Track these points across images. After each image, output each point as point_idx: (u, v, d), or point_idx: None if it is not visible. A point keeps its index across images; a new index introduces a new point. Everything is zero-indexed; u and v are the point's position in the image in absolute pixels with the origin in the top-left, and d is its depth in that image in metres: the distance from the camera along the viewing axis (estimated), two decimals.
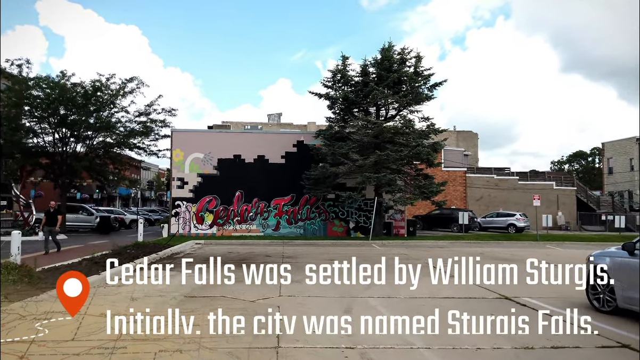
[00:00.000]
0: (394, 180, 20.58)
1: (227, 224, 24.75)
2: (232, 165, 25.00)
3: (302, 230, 25.05)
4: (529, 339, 5.64)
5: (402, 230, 25.34)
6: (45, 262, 12.36)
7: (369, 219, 25.20)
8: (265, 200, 24.98)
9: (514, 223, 33.59)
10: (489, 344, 5.61)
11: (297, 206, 25.10)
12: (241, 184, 24.89)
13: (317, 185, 22.78)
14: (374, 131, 21.05)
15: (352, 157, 21.03)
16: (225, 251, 16.57)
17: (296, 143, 25.35)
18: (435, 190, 20.86)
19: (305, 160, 24.73)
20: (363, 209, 24.93)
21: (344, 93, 21.50)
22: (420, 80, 21.80)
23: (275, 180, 24.95)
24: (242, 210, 24.86)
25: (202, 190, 24.78)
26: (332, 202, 25.16)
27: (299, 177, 24.18)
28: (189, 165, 24.93)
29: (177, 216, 24.66)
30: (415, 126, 21.59)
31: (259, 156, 25.17)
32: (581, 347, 5.61)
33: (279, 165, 25.12)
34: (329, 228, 25.19)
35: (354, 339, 5.72)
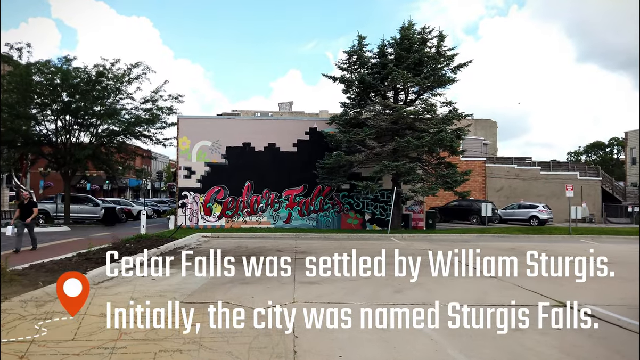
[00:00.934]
0: (414, 168, 18.97)
1: (236, 216, 23.39)
2: (241, 153, 23.57)
3: (315, 223, 23.60)
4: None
5: (420, 223, 23.77)
6: (29, 258, 11.00)
7: (385, 210, 23.68)
8: (276, 190, 23.56)
9: (536, 215, 31.84)
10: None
11: (309, 197, 23.64)
12: (251, 173, 23.47)
13: (331, 174, 21.27)
14: (392, 116, 19.43)
15: (369, 144, 19.44)
16: (233, 245, 15.16)
17: (309, 130, 23.82)
18: (460, 180, 19.21)
19: (319, 149, 23.23)
20: (379, 200, 23.40)
21: (360, 76, 19.86)
22: (443, 62, 20.05)
23: (286, 169, 23.49)
24: (252, 201, 23.46)
25: (210, 180, 23.41)
26: (346, 192, 23.66)
27: (312, 167, 22.70)
28: (196, 153, 23.54)
29: (184, 207, 23.33)
30: (437, 111, 19.90)
31: (269, 144, 23.70)
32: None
33: (290, 153, 23.64)
34: (344, 220, 23.70)
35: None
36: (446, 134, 18.63)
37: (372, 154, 19.51)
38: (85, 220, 27.52)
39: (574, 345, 5.10)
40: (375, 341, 5.20)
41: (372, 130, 19.54)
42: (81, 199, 28.08)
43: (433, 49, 20.43)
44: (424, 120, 19.88)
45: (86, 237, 19.35)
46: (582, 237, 19.21)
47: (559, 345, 5.10)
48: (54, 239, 18.42)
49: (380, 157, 19.73)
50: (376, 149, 19.40)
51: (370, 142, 19.38)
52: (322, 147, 23.16)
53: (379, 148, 19.48)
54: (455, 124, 20.00)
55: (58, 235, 19.92)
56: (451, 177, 18.92)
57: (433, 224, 24.13)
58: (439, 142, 18.70)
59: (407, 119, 19.36)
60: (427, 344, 5.09)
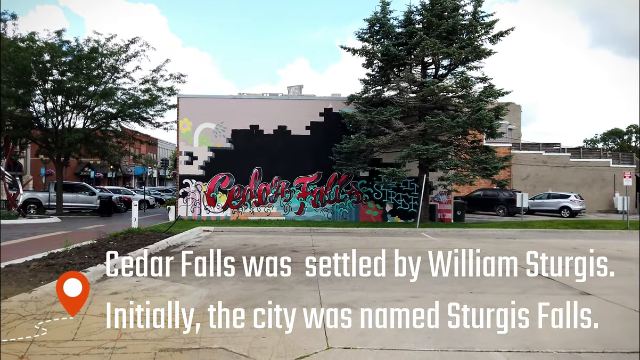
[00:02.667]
0: (446, 153, 16.23)
1: (243, 206, 20.82)
2: (248, 137, 20.93)
3: (330, 214, 20.98)
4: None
5: (448, 215, 21.06)
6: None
7: (409, 201, 20.99)
8: (287, 178, 20.93)
9: (568, 206, 28.99)
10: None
11: (324, 185, 20.99)
12: (259, 159, 20.84)
13: (350, 160, 18.58)
14: (421, 93, 16.64)
15: (394, 125, 16.67)
16: (239, 243, 12.56)
17: (323, 111, 21.08)
18: (499, 167, 16.43)
19: (335, 132, 20.53)
20: (402, 190, 20.71)
21: (385, 47, 17.02)
22: (480, 30, 17.16)
23: (298, 154, 20.83)
24: (260, 190, 20.86)
25: (214, 167, 20.83)
26: (365, 180, 21.00)
27: (327, 151, 20.02)
28: (199, 137, 20.92)
29: (185, 197, 20.79)
30: (473, 87, 17.05)
31: (279, 127, 21.02)
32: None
33: (303, 137, 20.96)
34: (362, 211, 21.05)
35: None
36: (485, 113, 15.82)
37: (398, 136, 16.76)
38: (81, 210, 25.12)
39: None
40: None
41: (397, 110, 16.78)
42: (76, 187, 25.65)
43: (469, 15, 17.48)
44: (458, 98, 17.08)
45: (73, 230, 16.92)
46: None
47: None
48: (37, 233, 15.99)
49: (406, 140, 17.00)
50: (402, 131, 16.64)
51: (396, 122, 16.61)
52: (339, 130, 20.46)
53: (406, 130, 16.72)
54: (493, 103, 17.15)
55: (43, 228, 17.49)
56: (490, 163, 16.15)
57: (461, 216, 21.41)
58: (477, 123, 15.91)
59: (438, 96, 16.56)
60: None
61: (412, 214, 20.88)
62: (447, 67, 18.36)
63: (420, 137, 17.15)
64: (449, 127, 15.74)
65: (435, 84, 16.14)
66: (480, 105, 15.96)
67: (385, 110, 16.77)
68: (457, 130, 16.22)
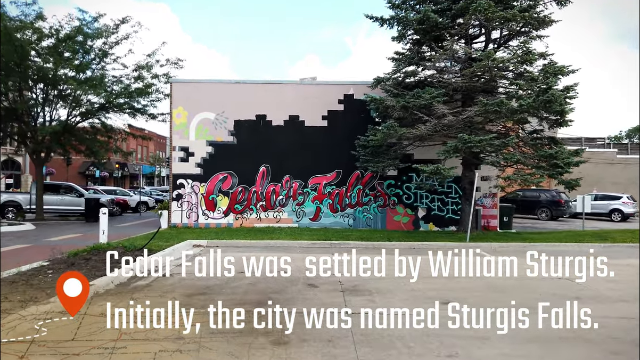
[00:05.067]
0: (506, 145, 12.39)
1: (248, 211, 17.18)
2: (254, 129, 17.28)
3: (351, 220, 17.25)
4: None
5: (492, 221, 17.19)
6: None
7: (445, 205, 17.19)
8: (300, 178, 17.26)
9: (619, 208, 25.00)
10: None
11: (344, 186, 17.28)
12: (267, 155, 17.21)
13: (378, 155, 14.83)
14: (472, 70, 12.82)
15: (436, 110, 12.86)
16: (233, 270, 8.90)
17: (343, 98, 17.34)
18: (572, 162, 12.54)
19: (357, 122, 16.83)
20: (437, 191, 16.90)
21: (424, 13, 13.20)
22: None
23: (314, 150, 17.15)
24: (269, 192, 17.21)
25: (214, 164, 17.22)
26: (393, 180, 17.24)
27: (348, 146, 16.32)
28: (196, 129, 17.31)
29: (180, 200, 17.20)
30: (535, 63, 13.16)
31: (290, 117, 17.34)
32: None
33: (319, 129, 17.26)
34: (389, 217, 17.28)
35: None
36: (558, 93, 11.94)
37: (441, 124, 12.95)
38: (66, 213, 21.74)
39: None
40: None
41: (440, 91, 12.98)
42: (61, 187, 22.24)
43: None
44: (516, 77, 13.23)
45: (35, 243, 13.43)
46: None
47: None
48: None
49: (450, 129, 13.22)
50: (447, 118, 12.83)
51: (439, 107, 12.79)
52: (362, 120, 16.75)
53: (451, 116, 12.92)
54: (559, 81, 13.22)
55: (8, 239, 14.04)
56: (562, 159, 12.27)
57: (509, 223, 17.52)
58: (546, 106, 12.03)
59: (493, 73, 12.72)
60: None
61: (449, 221, 17.08)
62: (498, 40, 14.49)
63: (467, 126, 13.36)
64: (510, 111, 11.89)
65: (490, 56, 12.27)
66: (549, 83, 12.07)
67: (424, 93, 12.97)
68: (518, 116, 12.37)
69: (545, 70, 12.76)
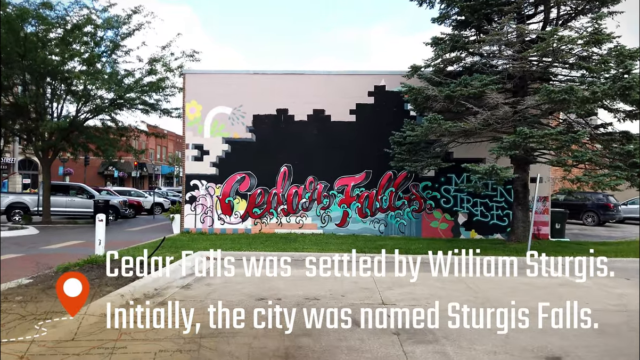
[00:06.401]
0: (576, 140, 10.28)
1: (268, 216, 15.38)
2: (275, 124, 15.49)
3: (382, 226, 15.29)
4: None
5: (544, 229, 15.02)
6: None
7: (489, 209, 15.11)
8: (325, 179, 15.40)
9: None
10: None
11: (374, 188, 15.33)
12: (289, 154, 15.40)
13: (416, 153, 12.84)
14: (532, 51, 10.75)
15: (490, 100, 10.82)
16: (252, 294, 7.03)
17: (373, 90, 15.40)
18: None
19: (389, 116, 14.93)
20: (480, 195, 14.81)
21: None
22: None
23: (340, 147, 15.26)
24: (291, 195, 15.38)
25: (231, 164, 15.49)
26: (430, 182, 15.23)
27: (379, 143, 14.42)
28: (211, 125, 15.60)
29: (194, 202, 15.51)
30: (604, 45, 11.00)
31: (315, 111, 15.48)
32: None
33: (346, 124, 15.36)
34: (425, 223, 15.26)
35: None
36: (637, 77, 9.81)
37: (494, 117, 10.90)
38: (76, 216, 20.31)
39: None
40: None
41: (493, 77, 10.95)
42: (70, 188, 20.84)
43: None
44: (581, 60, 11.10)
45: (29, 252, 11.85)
46: None
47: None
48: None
49: (504, 122, 11.17)
50: (503, 109, 10.78)
51: (493, 96, 10.74)
52: (395, 114, 14.84)
53: (507, 107, 10.86)
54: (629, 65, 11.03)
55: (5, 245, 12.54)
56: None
57: (561, 230, 15.35)
58: (624, 93, 9.89)
59: (560, 54, 10.62)
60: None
61: (494, 228, 15.00)
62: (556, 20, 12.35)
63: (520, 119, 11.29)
64: (581, 100, 9.76)
65: (557, 35, 10.16)
66: (627, 67, 9.93)
67: (473, 80, 10.95)
68: (590, 106, 10.23)
69: (619, 52, 10.59)
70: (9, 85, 17.55)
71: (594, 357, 4.62)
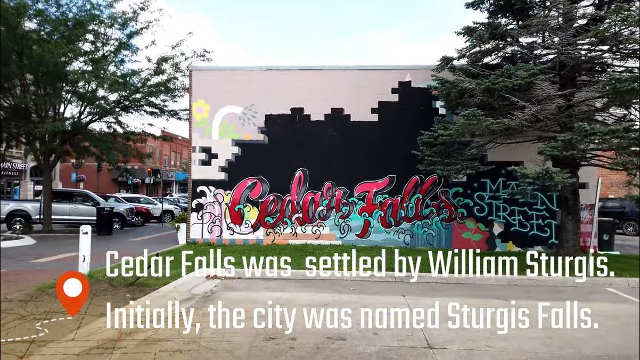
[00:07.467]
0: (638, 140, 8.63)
1: (282, 225, 13.92)
2: (289, 125, 14.06)
3: (407, 237, 13.69)
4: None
5: (589, 240, 13.28)
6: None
7: (528, 219, 13.41)
8: (344, 185, 13.88)
9: None
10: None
11: (399, 195, 13.76)
12: (304, 157, 13.95)
13: (448, 156, 11.25)
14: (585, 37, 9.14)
15: (539, 92, 9.22)
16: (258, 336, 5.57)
17: (398, 86, 13.89)
18: None
19: (415, 115, 13.40)
20: (518, 202, 13.11)
21: None
22: None
23: (361, 150, 13.75)
24: (306, 202, 13.90)
25: (241, 168, 14.09)
26: (461, 188, 13.61)
27: (404, 144, 12.90)
28: (220, 125, 14.25)
29: (201, 210, 14.13)
30: None
31: (333, 110, 14.02)
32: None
33: (367, 124, 13.86)
34: (456, 234, 13.61)
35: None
36: None
37: (545, 111, 9.28)
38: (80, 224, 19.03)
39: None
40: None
41: (541, 66, 9.35)
42: (74, 195, 19.68)
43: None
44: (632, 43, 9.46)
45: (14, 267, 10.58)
46: None
47: None
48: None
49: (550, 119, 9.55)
50: (554, 102, 9.17)
51: (544, 87, 9.14)
52: (422, 113, 13.31)
53: (560, 100, 9.25)
54: None
55: None
56: None
57: (610, 242, 13.57)
58: None
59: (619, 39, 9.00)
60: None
61: (534, 239, 13.30)
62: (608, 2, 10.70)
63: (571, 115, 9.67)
64: None
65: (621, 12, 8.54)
66: None
67: (518, 69, 9.35)
68: None
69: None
70: (8, 87, 16.46)
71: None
